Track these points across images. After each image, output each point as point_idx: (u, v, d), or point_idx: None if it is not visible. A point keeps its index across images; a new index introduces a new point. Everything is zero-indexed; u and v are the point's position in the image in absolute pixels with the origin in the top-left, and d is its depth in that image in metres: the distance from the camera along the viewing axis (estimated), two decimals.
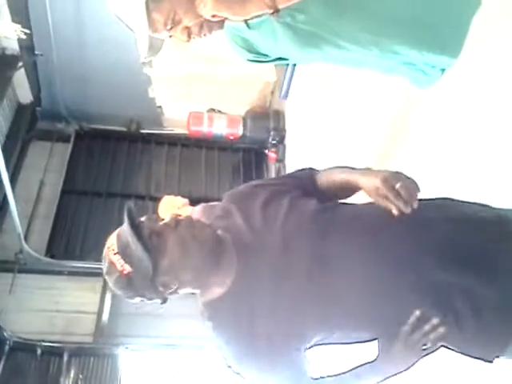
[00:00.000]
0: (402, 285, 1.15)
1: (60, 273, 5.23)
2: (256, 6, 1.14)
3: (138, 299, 1.19)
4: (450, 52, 1.21)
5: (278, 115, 5.89)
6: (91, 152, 6.20)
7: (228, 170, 6.40)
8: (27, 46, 5.12)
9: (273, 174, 5.92)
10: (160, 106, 6.19)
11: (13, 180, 5.20)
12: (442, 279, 1.14)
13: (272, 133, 5.74)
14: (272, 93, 6.18)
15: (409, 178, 1.10)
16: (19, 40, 4.91)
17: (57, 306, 5.13)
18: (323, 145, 4.48)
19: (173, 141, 6.46)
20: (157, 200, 4.08)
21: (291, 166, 5.44)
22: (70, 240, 5.57)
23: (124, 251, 1.14)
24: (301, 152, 5.19)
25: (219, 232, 1.19)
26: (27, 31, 4.77)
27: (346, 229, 1.18)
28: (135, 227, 1.15)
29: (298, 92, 5.28)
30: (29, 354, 4.79)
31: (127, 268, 1.13)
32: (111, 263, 1.16)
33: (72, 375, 4.83)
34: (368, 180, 1.13)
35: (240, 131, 5.86)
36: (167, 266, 1.13)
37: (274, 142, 5.75)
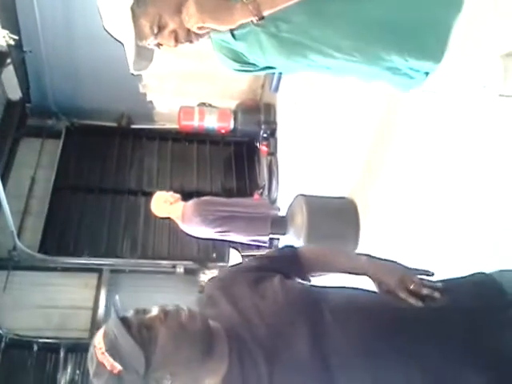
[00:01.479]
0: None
1: (54, 269, 5.25)
2: (241, 14, 1.15)
3: None
4: (432, 57, 1.23)
5: (269, 108, 5.89)
6: (82, 148, 6.19)
7: (220, 163, 6.42)
8: (15, 43, 5.09)
9: (264, 167, 5.95)
10: (151, 101, 6.19)
11: (4, 177, 5.21)
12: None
13: (263, 126, 5.74)
14: (262, 86, 6.19)
15: (420, 274, 1.14)
16: None
17: (52, 302, 5.15)
18: (314, 137, 4.51)
19: (164, 135, 6.47)
20: (149, 195, 4.10)
21: (283, 158, 5.47)
22: (63, 236, 5.58)
23: (112, 348, 1.05)
24: (292, 145, 5.21)
25: (210, 321, 1.14)
26: (15, 37, 4.74)
27: (344, 318, 1.13)
28: (124, 320, 1.06)
29: (289, 85, 5.28)
30: (25, 351, 4.82)
31: (117, 366, 1.04)
32: (99, 364, 1.06)
33: (69, 371, 4.86)
34: (382, 278, 1.17)
35: (231, 125, 5.86)
36: (160, 360, 1.06)
37: (265, 135, 5.76)
